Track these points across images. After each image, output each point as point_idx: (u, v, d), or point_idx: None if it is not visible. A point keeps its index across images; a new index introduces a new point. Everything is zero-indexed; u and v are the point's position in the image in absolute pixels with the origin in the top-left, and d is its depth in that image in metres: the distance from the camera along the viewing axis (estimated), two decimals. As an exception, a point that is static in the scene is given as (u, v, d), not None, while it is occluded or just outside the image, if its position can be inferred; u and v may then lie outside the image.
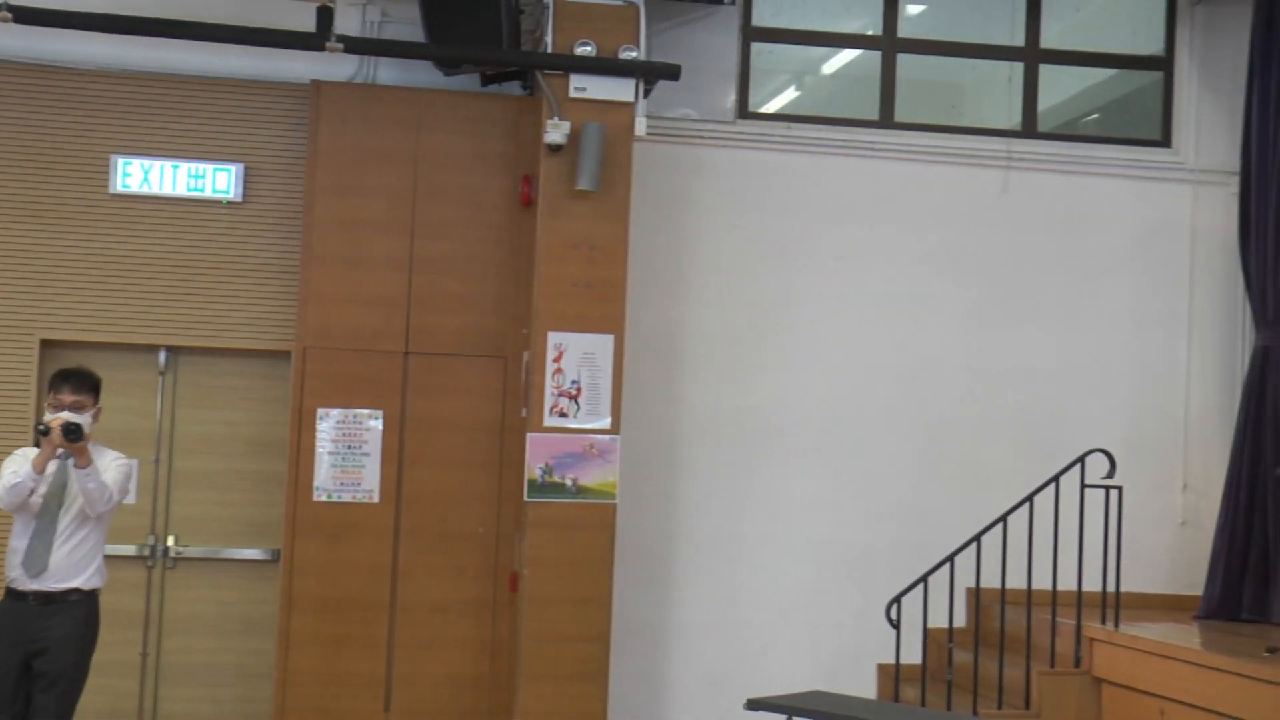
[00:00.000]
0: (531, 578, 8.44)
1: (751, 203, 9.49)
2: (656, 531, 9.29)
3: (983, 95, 10.14)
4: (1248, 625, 8.87)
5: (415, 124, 8.90)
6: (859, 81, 9.92)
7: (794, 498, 9.44)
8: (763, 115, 9.66)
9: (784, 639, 9.37)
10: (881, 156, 9.62)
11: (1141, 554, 9.25)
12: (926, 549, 8.82)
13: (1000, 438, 9.61)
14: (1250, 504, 9.16)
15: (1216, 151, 9.82)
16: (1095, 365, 9.75)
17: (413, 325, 8.87)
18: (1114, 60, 10.14)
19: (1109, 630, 8.21)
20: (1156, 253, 9.85)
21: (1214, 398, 9.81)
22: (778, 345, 9.48)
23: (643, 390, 9.17)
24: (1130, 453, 9.16)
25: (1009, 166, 9.73)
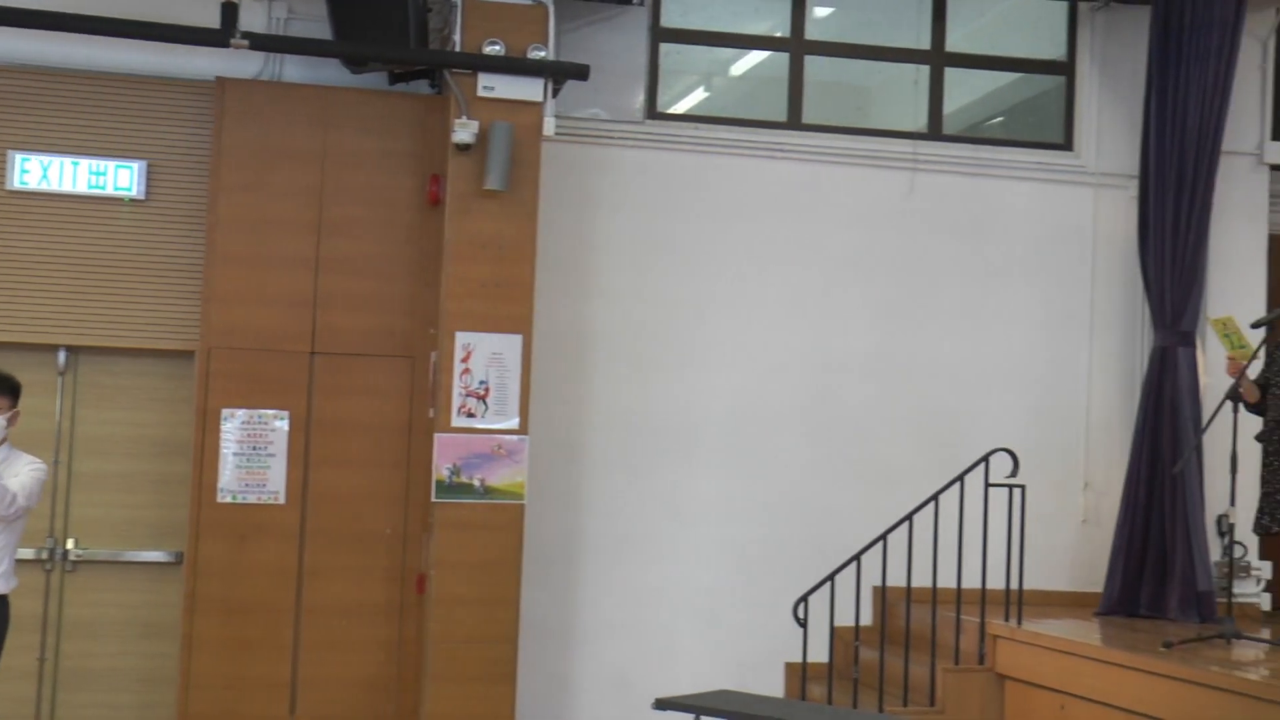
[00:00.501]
0: (439, 579, 8.42)
1: (660, 203, 9.52)
2: (564, 532, 9.29)
3: (889, 98, 10.24)
4: (1146, 621, 9.03)
5: (322, 122, 8.85)
6: (767, 83, 9.97)
7: (701, 497, 9.48)
8: (671, 116, 9.70)
9: (692, 639, 9.40)
10: (789, 158, 9.69)
11: (1044, 552, 9.37)
12: (833, 548, 8.87)
13: (906, 437, 9.70)
14: (1149, 502, 9.33)
15: (1117, 155, 9.98)
16: (999, 365, 9.87)
17: (319, 325, 8.81)
18: (1017, 64, 10.27)
19: (1012, 627, 8.33)
20: (1059, 254, 10.00)
21: (1114, 398, 9.97)
22: (685, 345, 9.51)
23: (551, 390, 9.17)
24: (1033, 452, 9.26)
25: (915, 168, 9.83)
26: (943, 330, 9.83)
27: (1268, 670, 7.22)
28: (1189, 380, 9.32)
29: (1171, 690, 7.07)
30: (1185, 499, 9.11)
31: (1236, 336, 7.99)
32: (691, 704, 7.01)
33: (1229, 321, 8.02)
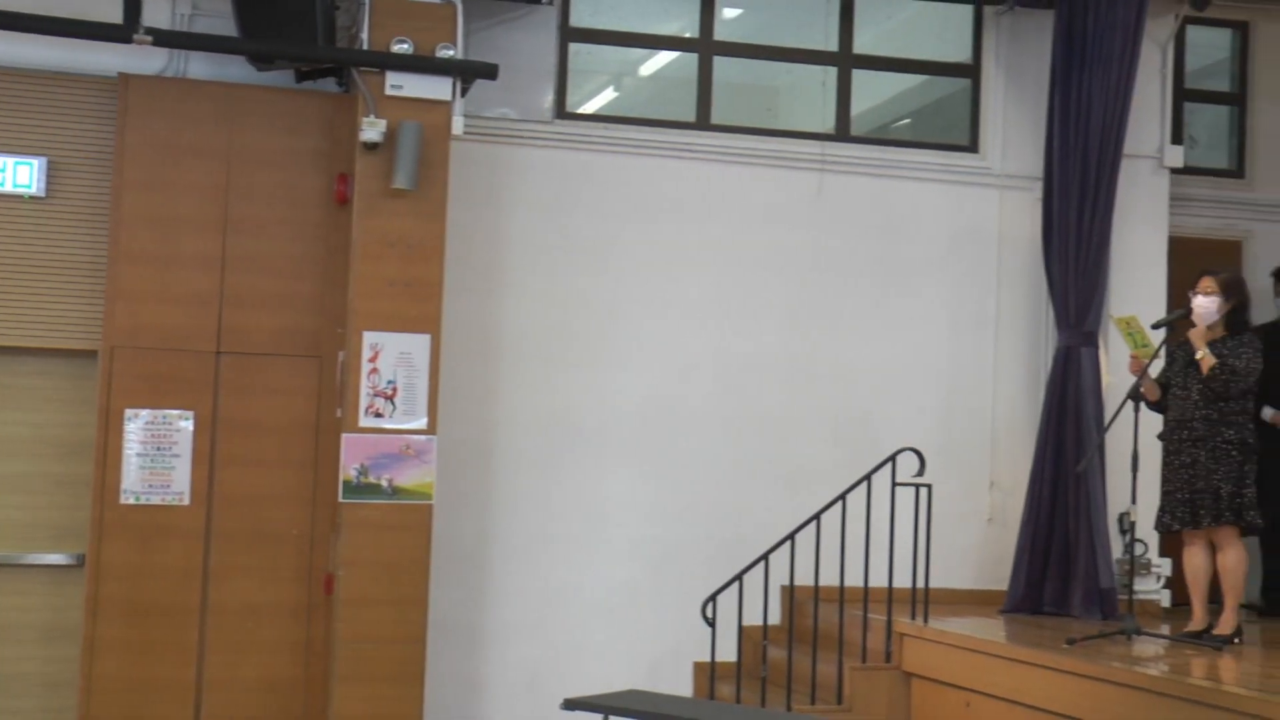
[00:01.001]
0: (347, 579, 8.37)
1: (569, 203, 9.51)
2: (473, 532, 9.26)
3: (798, 99, 10.29)
4: (1050, 618, 9.14)
5: (228, 120, 8.76)
6: (676, 83, 10.00)
7: (611, 497, 9.48)
8: (581, 116, 9.70)
9: (601, 638, 9.40)
10: (698, 158, 9.71)
11: (950, 550, 9.45)
12: (743, 547, 8.88)
13: (816, 437, 9.75)
14: (1053, 501, 9.45)
15: (1022, 157, 10.09)
16: (907, 365, 9.95)
17: (225, 324, 8.73)
18: (924, 67, 10.37)
19: (918, 625, 8.40)
20: (965, 255, 10.09)
21: (1020, 397, 10.08)
22: (595, 345, 9.51)
23: (460, 390, 9.13)
24: (940, 451, 9.36)
25: (823, 170, 9.88)
26: (851, 330, 9.89)
27: (1167, 665, 7.33)
28: (1092, 380, 9.45)
29: (1075, 686, 7.16)
30: (1088, 497, 9.24)
31: (1139, 335, 8.10)
32: (600, 704, 7.01)
33: (1132, 321, 8.14)
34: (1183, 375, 8.10)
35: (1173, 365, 8.24)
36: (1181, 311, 8.21)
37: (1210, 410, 7.94)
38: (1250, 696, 6.29)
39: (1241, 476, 7.90)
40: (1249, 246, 10.97)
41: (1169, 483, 8.08)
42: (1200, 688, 6.60)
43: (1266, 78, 11.11)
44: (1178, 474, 8.03)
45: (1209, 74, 11.28)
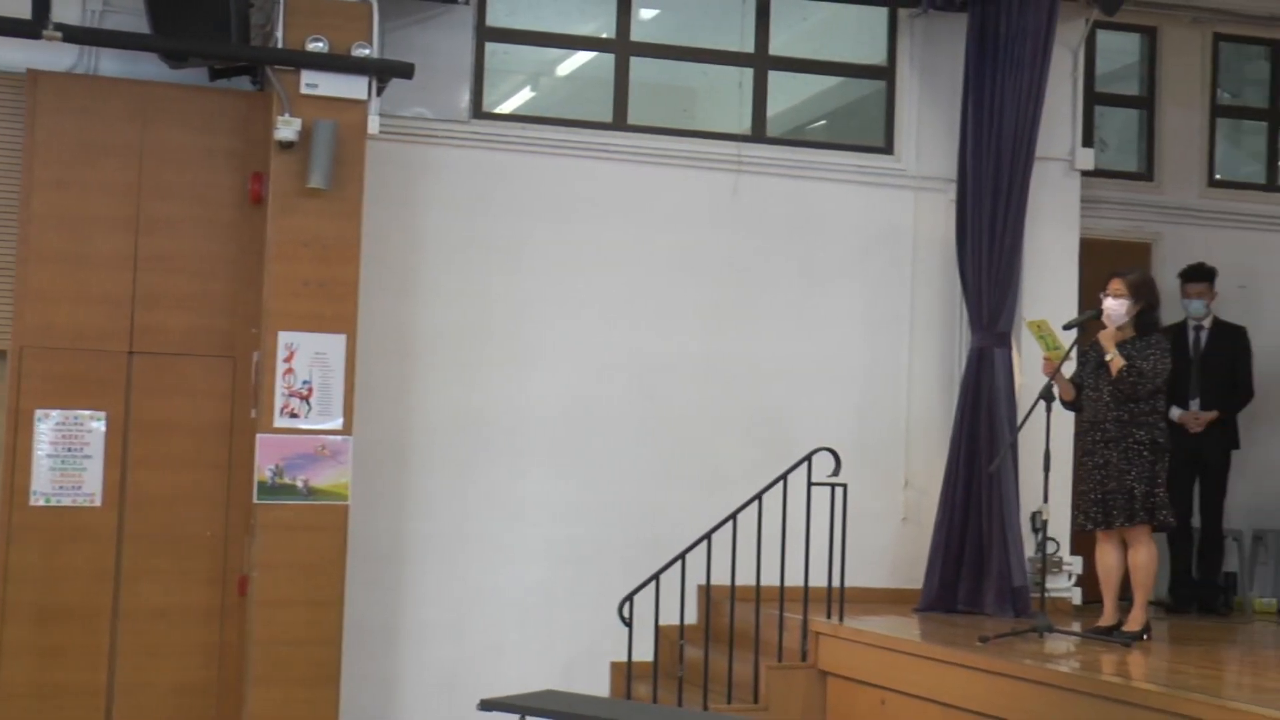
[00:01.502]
0: (261, 581, 8.32)
1: (486, 202, 9.49)
2: (389, 532, 9.22)
3: (714, 100, 10.32)
4: (964, 617, 9.23)
5: (140, 118, 8.67)
6: (593, 83, 10.01)
7: (528, 497, 9.48)
8: (497, 115, 9.68)
9: (518, 639, 9.40)
10: (615, 158, 9.72)
11: (865, 550, 9.48)
12: (661, 547, 8.90)
13: (734, 437, 9.78)
14: (966, 500, 9.54)
15: (936, 159, 10.18)
16: (823, 365, 10.00)
17: (138, 324, 8.64)
18: (839, 69, 10.43)
19: (834, 624, 8.46)
20: (880, 256, 10.16)
21: (934, 397, 10.16)
22: (512, 345, 9.50)
23: (375, 390, 9.09)
24: (856, 451, 9.41)
25: (739, 170, 9.92)
26: (767, 330, 9.93)
27: (1078, 662, 7.43)
28: (1005, 380, 9.55)
29: (988, 684, 7.24)
30: (1001, 497, 9.34)
31: (1051, 338, 8.21)
32: (517, 704, 7.02)
33: (1043, 324, 8.24)
34: (1094, 376, 8.22)
35: (1084, 366, 8.36)
36: (1092, 313, 8.33)
37: (1121, 411, 8.06)
38: (1158, 692, 6.39)
39: (1154, 476, 8.02)
40: (1158, 248, 11.15)
41: (1082, 483, 8.19)
42: (1110, 684, 6.69)
43: (1174, 82, 11.30)
44: (1091, 475, 8.13)
45: (1118, 78, 11.46)
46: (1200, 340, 10.35)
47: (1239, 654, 8.40)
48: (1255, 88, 11.85)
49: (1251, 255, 11.25)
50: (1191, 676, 6.99)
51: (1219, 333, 10.38)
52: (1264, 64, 11.77)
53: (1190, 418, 10.13)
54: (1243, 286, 11.09)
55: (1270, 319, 11.08)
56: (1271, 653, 8.54)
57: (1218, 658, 8.06)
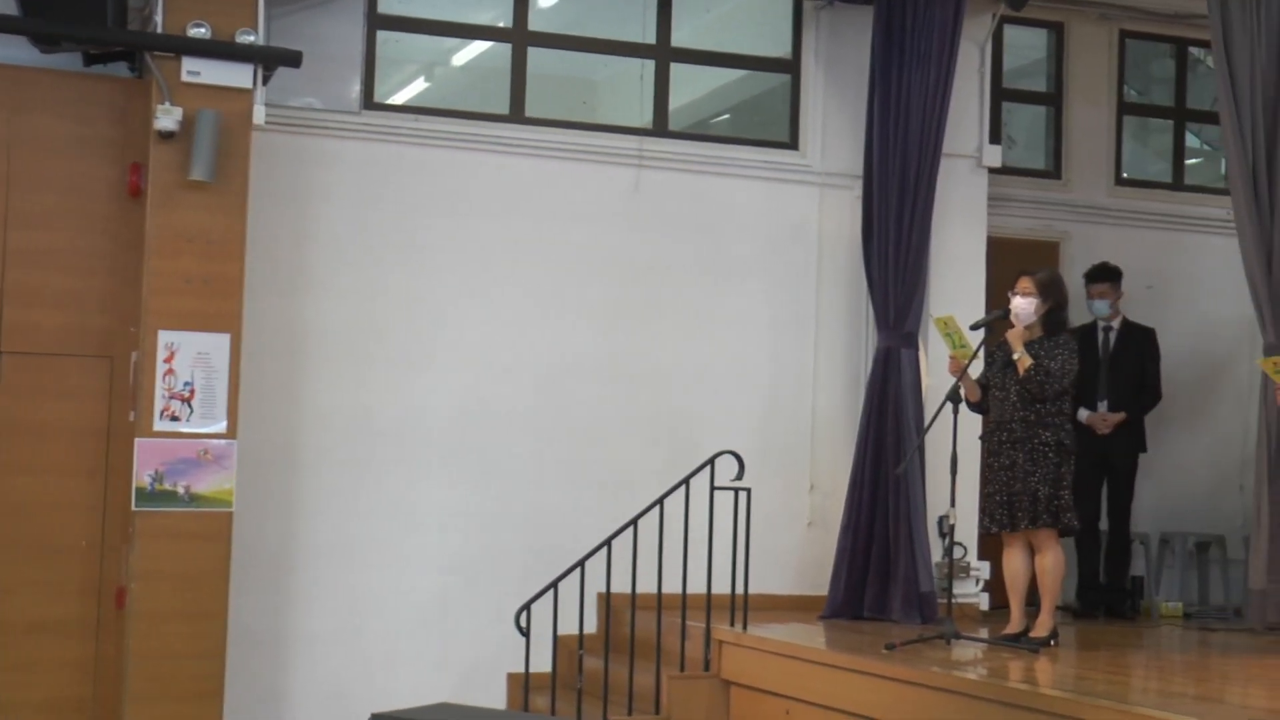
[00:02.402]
0: (140, 592, 8.15)
1: (378, 196, 9.38)
2: (276, 540, 9.08)
3: (615, 92, 10.29)
4: (870, 623, 9.22)
5: (9, 105, 8.46)
6: (490, 74, 9.92)
7: (422, 502, 9.37)
8: (390, 107, 9.58)
9: (412, 650, 9.29)
10: (512, 152, 9.64)
11: (770, 555, 9.49)
12: (560, 554, 8.84)
13: (636, 440, 9.74)
14: (873, 504, 9.53)
15: (841, 155, 10.17)
16: (726, 366, 9.98)
17: (6, 322, 8.44)
18: (743, 61, 10.41)
19: (737, 633, 8.41)
20: (785, 254, 10.15)
21: (840, 399, 10.16)
22: (406, 345, 9.39)
23: (262, 392, 8.94)
24: (760, 454, 9.39)
25: (641, 165, 9.87)
26: (670, 331, 9.89)
27: (985, 669, 7.43)
28: (912, 381, 9.56)
29: (894, 691, 7.22)
30: (908, 500, 9.34)
31: (958, 336, 8.20)
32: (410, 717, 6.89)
33: (950, 321, 8.23)
34: (1001, 376, 8.22)
35: (992, 366, 8.36)
36: (1000, 312, 8.33)
37: (1028, 412, 8.06)
38: (1065, 698, 6.39)
39: (1059, 478, 8.03)
40: (1066, 247, 11.23)
41: (988, 485, 8.20)
42: (1017, 690, 6.70)
43: (1082, 78, 11.39)
44: (997, 476, 8.14)
45: (1026, 74, 11.53)
46: (1109, 341, 10.42)
47: (1145, 658, 8.46)
48: (1162, 86, 11.97)
49: (1159, 255, 11.35)
50: (1098, 682, 7.02)
51: (1127, 334, 10.45)
52: (1170, 62, 11.90)
53: (1098, 419, 10.19)
54: (1150, 287, 11.19)
55: (1179, 320, 11.19)
56: (1177, 657, 8.61)
57: (1124, 662, 8.11)
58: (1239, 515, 11.06)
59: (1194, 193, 11.69)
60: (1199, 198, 11.61)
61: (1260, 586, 8.90)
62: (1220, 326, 11.28)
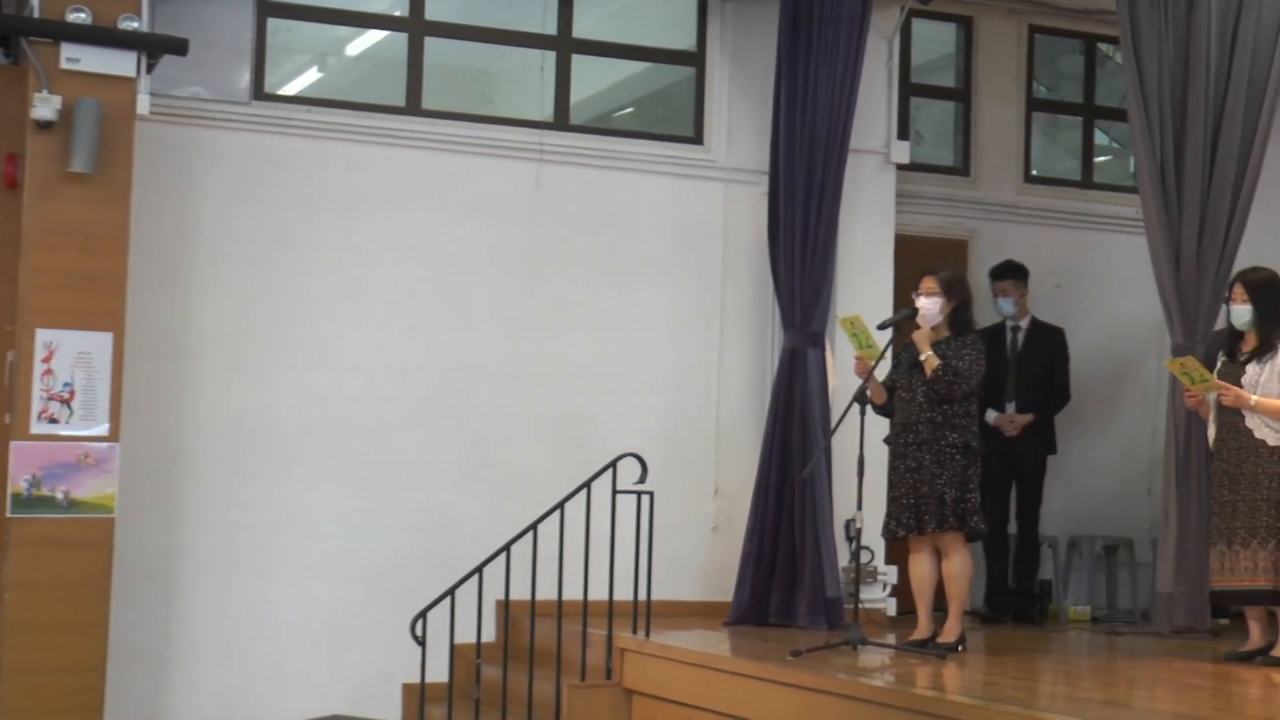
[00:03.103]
0: (15, 603, 8.03)
1: (269, 190, 9.31)
2: (161, 547, 8.99)
3: (515, 84, 10.27)
4: (775, 630, 9.26)
5: (-127, 91, 8.32)
6: (385, 64, 9.88)
7: (315, 508, 9.31)
8: (281, 97, 9.51)
9: (302, 661, 9.22)
10: (408, 145, 9.61)
11: (674, 561, 9.50)
12: (456, 560, 8.78)
13: (536, 442, 9.74)
14: (779, 507, 9.57)
15: (747, 150, 10.22)
16: (630, 366, 10.00)
17: None
18: (647, 53, 10.43)
19: (640, 640, 8.41)
20: (690, 252, 10.18)
21: (745, 400, 10.20)
22: (298, 344, 9.33)
23: (146, 393, 8.85)
24: (663, 456, 9.40)
25: (541, 160, 9.86)
26: (571, 330, 9.89)
27: (892, 676, 7.49)
28: (818, 382, 9.60)
29: (800, 699, 7.26)
30: (814, 504, 9.38)
31: (864, 336, 8.25)
32: (299, 732, 6.85)
33: (857, 320, 8.28)
34: (908, 377, 8.28)
35: (898, 367, 8.42)
36: (907, 312, 8.39)
37: (935, 413, 8.13)
38: (973, 705, 6.45)
39: (965, 481, 8.11)
40: (975, 246, 11.34)
41: (894, 488, 8.25)
42: (924, 698, 6.74)
43: (990, 74, 11.50)
44: (903, 479, 8.20)
45: (934, 69, 11.63)
46: (1017, 341, 10.53)
47: (1053, 663, 8.57)
48: (1071, 82, 12.12)
49: (1068, 254, 11.50)
50: (1006, 688, 7.09)
51: (1036, 334, 10.56)
52: (1079, 58, 12.04)
53: (1006, 421, 10.29)
54: (1059, 286, 11.32)
55: (1088, 320, 11.33)
56: (1085, 661, 8.73)
57: (1032, 668, 8.20)
58: (1147, 518, 11.23)
59: (1103, 191, 11.85)
60: (1108, 196, 11.76)
61: (1167, 590, 9.05)
62: (1129, 327, 11.44)
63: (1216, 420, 8.12)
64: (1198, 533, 8.92)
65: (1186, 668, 8.00)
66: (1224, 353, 8.21)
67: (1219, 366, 8.12)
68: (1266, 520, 7.87)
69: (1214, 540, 8.06)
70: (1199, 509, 8.96)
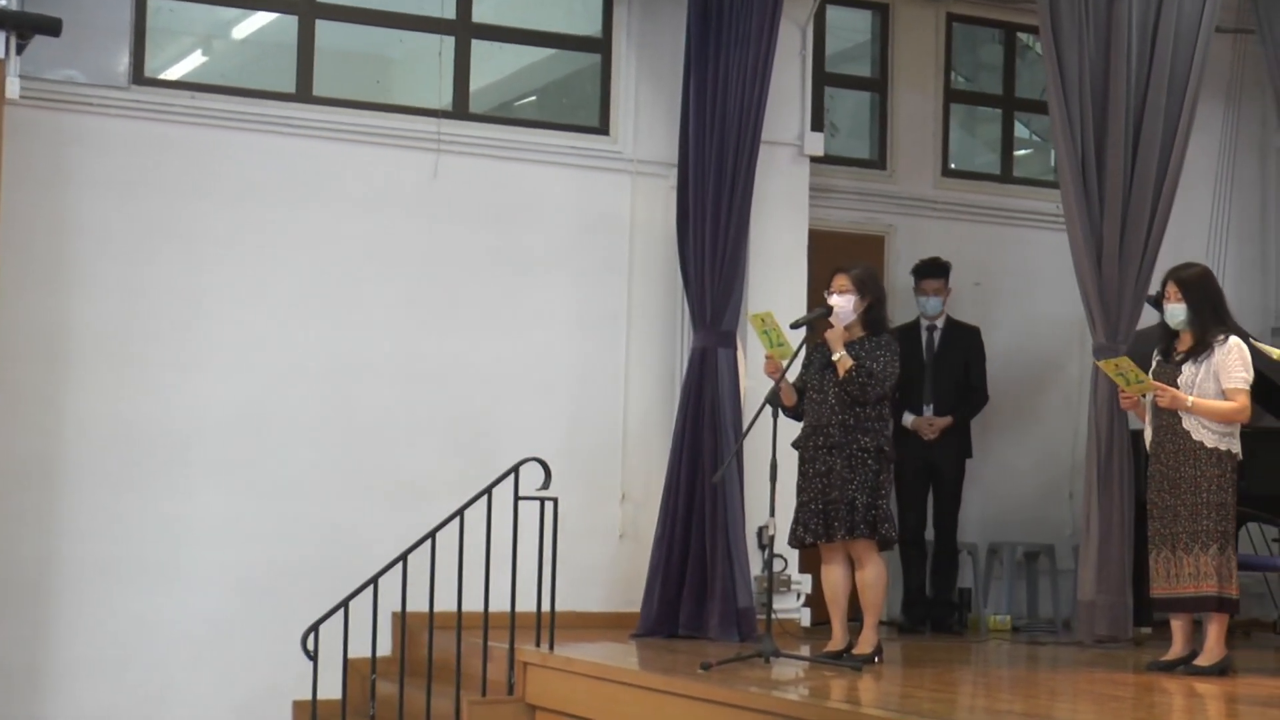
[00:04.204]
0: (-124, 620, 7.86)
1: (149, 181, 9.23)
2: (33, 559, 8.91)
3: (412, 71, 10.23)
4: (685, 642, 9.26)
5: None
6: (274, 49, 9.83)
7: (199, 516, 9.24)
8: (162, 82, 9.44)
9: (187, 679, 9.17)
10: (299, 134, 9.57)
11: (579, 570, 9.52)
12: (352, 571, 8.74)
13: (434, 447, 9.71)
14: (688, 514, 9.57)
15: (656, 141, 10.23)
16: (533, 367, 9.99)
17: None
18: (550, 39, 10.43)
19: (543, 653, 8.38)
20: (595, 247, 10.18)
21: (653, 402, 10.21)
22: (180, 343, 9.27)
23: (16, 397, 8.80)
24: (568, 461, 9.38)
25: (440, 150, 9.84)
26: (471, 328, 9.88)
27: (806, 689, 7.51)
28: (729, 383, 9.62)
29: (711, 713, 7.24)
30: (725, 510, 9.39)
31: (776, 334, 8.25)
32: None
33: (768, 318, 8.27)
34: (819, 378, 8.28)
35: (810, 368, 8.42)
36: (821, 310, 8.39)
37: (847, 416, 8.14)
38: (889, 718, 6.47)
39: (877, 487, 8.12)
40: (891, 241, 11.42)
41: (804, 493, 8.25)
42: (839, 711, 6.76)
43: (907, 63, 11.58)
44: (812, 483, 8.20)
45: (850, 58, 11.69)
46: (933, 341, 10.57)
47: (972, 674, 8.61)
48: (990, 73, 12.22)
49: (987, 251, 11.59)
50: (923, 700, 7.11)
51: (952, 333, 10.61)
52: (998, 48, 12.15)
53: (924, 424, 10.34)
54: (978, 284, 11.41)
55: (1006, 319, 11.45)
56: (1005, 672, 8.79)
57: (950, 679, 8.24)
58: (1068, 523, 11.36)
59: (1023, 185, 11.97)
60: (1028, 191, 11.88)
61: (1089, 598, 9.14)
62: (1049, 326, 11.56)
63: (1153, 422, 8.15)
64: (1120, 538, 9.02)
65: (1108, 678, 8.07)
66: (1159, 352, 8.24)
67: (1154, 367, 8.12)
68: (1208, 524, 7.89)
69: (1156, 546, 8.07)
70: (1122, 514, 9.05)
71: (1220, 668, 7.90)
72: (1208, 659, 7.94)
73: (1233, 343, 7.96)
